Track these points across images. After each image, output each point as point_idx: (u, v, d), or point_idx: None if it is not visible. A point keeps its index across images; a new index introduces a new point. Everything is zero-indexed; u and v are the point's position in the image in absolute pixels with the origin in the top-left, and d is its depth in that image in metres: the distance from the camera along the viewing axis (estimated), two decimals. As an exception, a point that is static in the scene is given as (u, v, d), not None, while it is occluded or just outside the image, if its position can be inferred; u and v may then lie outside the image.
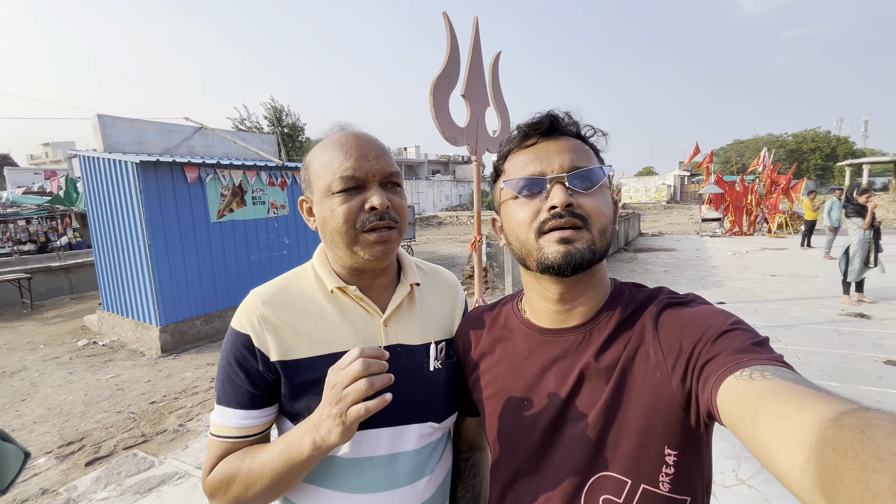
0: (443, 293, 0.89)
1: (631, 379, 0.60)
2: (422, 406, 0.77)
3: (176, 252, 5.21)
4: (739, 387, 0.46)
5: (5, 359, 5.23)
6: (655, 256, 10.58)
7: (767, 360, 0.49)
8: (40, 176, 16.97)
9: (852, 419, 0.34)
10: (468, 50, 3.82)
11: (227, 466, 0.70)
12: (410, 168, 45.16)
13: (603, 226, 0.62)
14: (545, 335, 0.68)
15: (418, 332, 0.80)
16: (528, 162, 0.64)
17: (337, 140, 0.74)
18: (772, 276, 7.72)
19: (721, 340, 0.54)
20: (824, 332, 4.76)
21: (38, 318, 7.19)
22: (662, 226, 19.40)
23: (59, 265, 9.06)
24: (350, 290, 0.76)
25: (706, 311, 0.60)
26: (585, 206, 0.61)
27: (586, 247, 0.60)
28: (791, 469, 0.37)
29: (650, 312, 0.63)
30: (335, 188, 0.71)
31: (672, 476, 0.57)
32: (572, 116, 0.66)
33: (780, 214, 13.95)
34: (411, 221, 11.44)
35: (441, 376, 0.79)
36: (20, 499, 2.59)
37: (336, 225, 0.72)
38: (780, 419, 0.40)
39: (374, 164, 0.73)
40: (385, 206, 0.72)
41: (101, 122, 5.54)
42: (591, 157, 0.65)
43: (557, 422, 0.63)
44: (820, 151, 47.58)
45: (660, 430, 0.57)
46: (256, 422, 0.73)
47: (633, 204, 32.88)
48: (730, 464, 2.59)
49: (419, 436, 0.77)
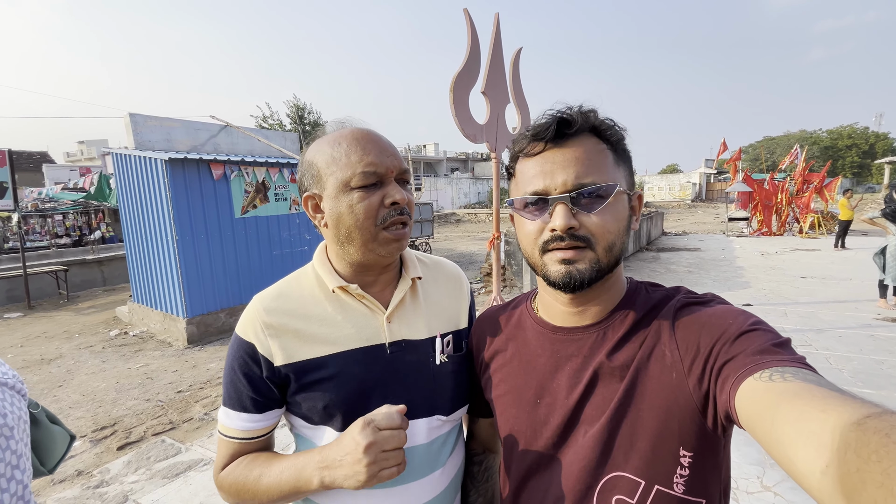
0: (446, 285, 0.88)
1: (646, 379, 0.59)
2: (429, 400, 0.78)
3: (202, 247, 5.37)
4: (759, 388, 0.45)
5: (44, 346, 5.51)
6: (679, 256, 10.33)
7: (789, 361, 0.47)
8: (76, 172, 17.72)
9: (877, 423, 0.34)
10: (489, 46, 3.80)
11: (237, 476, 0.74)
12: (429, 165, 45.25)
13: (609, 243, 0.60)
14: (559, 334, 0.68)
15: (423, 326, 0.80)
16: (534, 175, 0.61)
17: (351, 135, 0.73)
18: (802, 278, 7.43)
19: (740, 341, 0.52)
20: (858, 337, 4.56)
21: (74, 309, 7.53)
22: (687, 225, 18.91)
23: (92, 258, 9.46)
24: (351, 289, 0.76)
25: (725, 310, 0.58)
26: (589, 226, 0.59)
27: (588, 266, 0.59)
28: (811, 472, 0.37)
29: (667, 312, 0.62)
30: (354, 183, 0.71)
31: (687, 478, 0.57)
32: (584, 112, 0.61)
33: (812, 214, 13.40)
34: (429, 219, 11.43)
35: (447, 369, 0.80)
36: (58, 479, 2.73)
37: (356, 221, 0.71)
38: (800, 421, 0.39)
39: (392, 160, 0.74)
40: (406, 201, 0.74)
41: (132, 120, 5.74)
42: (602, 163, 0.60)
43: (570, 421, 0.63)
44: (857, 148, 45.46)
45: (675, 431, 0.56)
46: (260, 425, 0.76)
47: (656, 202, 32.14)
48: (754, 470, 2.52)
49: (428, 429, 0.77)
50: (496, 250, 4.23)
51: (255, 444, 0.77)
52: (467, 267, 9.85)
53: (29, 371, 4.68)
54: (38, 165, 21.39)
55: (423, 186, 29.97)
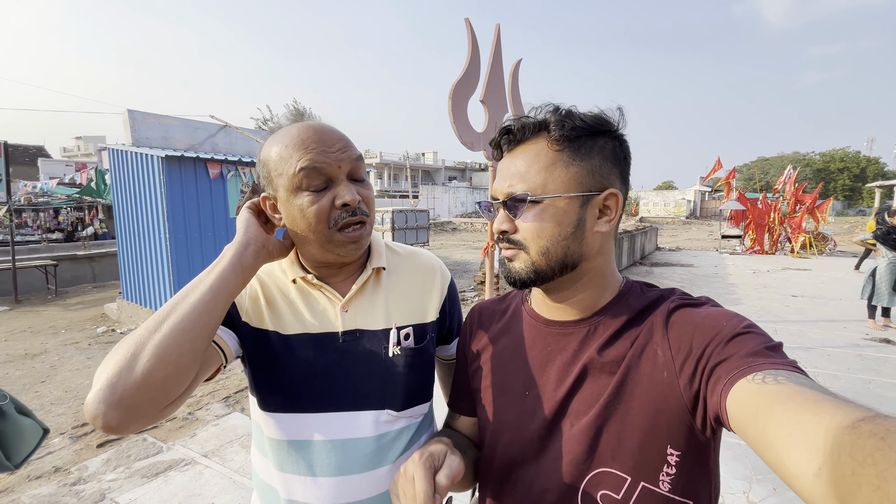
0: (417, 277, 0.86)
1: (636, 376, 0.59)
2: (378, 392, 0.76)
3: (195, 246, 5.34)
4: (751, 390, 0.45)
5: (28, 341, 5.42)
6: (672, 271, 10.39)
7: (781, 364, 0.48)
8: (71, 168, 17.60)
9: (871, 426, 0.34)
10: (489, 56, 3.85)
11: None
12: (427, 173, 45.36)
13: (541, 247, 0.61)
14: (550, 327, 0.68)
15: (381, 316, 0.79)
16: (492, 180, 0.70)
17: (296, 133, 0.70)
18: (793, 297, 7.49)
19: (733, 343, 0.53)
20: (846, 356, 4.59)
21: (62, 304, 7.43)
22: (680, 241, 19.06)
23: (83, 254, 9.37)
24: (309, 278, 0.77)
25: (719, 313, 0.58)
26: (522, 231, 0.63)
27: (524, 267, 0.63)
28: (804, 475, 0.37)
29: (661, 311, 0.62)
30: (301, 185, 0.68)
31: (673, 476, 0.57)
32: (538, 118, 0.63)
33: (804, 234, 13.58)
34: (425, 226, 11.46)
35: (401, 362, 0.78)
36: (34, 475, 2.67)
37: (308, 225, 0.70)
38: (793, 424, 0.39)
39: (339, 155, 0.70)
40: (357, 202, 0.71)
41: (130, 117, 5.74)
42: (543, 169, 0.61)
43: (557, 413, 0.63)
44: (848, 171, 46.26)
45: (663, 429, 0.56)
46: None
47: (651, 218, 32.41)
48: (740, 485, 2.51)
49: (375, 423, 0.76)
50: (490, 258, 4.24)
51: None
52: (462, 275, 9.85)
53: (12, 366, 4.60)
54: (34, 159, 21.23)
55: (421, 194, 30.05)
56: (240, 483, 2.55)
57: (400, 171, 42.74)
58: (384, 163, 42.05)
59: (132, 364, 0.54)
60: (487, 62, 3.84)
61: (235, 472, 2.66)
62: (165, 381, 0.56)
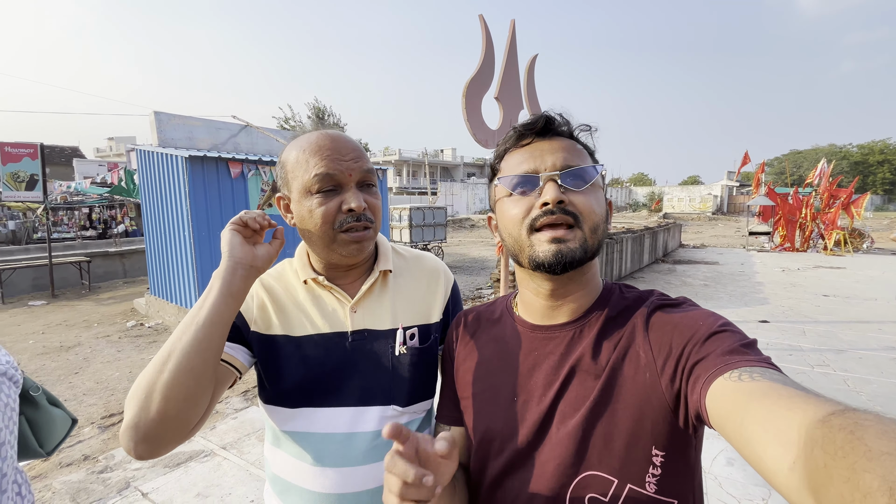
0: (422, 279, 0.90)
1: (620, 379, 0.60)
2: (385, 389, 0.80)
3: (217, 243, 5.48)
4: (728, 388, 0.47)
5: (64, 334, 5.70)
6: (696, 269, 10.10)
7: (756, 361, 0.49)
8: (104, 168, 18.35)
9: (841, 420, 0.35)
10: (503, 52, 3.81)
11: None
12: (446, 170, 45.35)
13: (595, 223, 0.62)
14: (537, 332, 0.68)
15: (387, 317, 0.82)
16: (523, 160, 0.65)
17: (314, 140, 0.76)
18: (824, 297, 7.18)
19: (710, 342, 0.54)
20: (880, 360, 4.38)
21: (94, 299, 7.78)
22: (706, 238, 18.50)
23: (115, 251, 9.78)
24: (320, 280, 0.81)
25: (696, 313, 0.60)
26: (577, 204, 0.61)
27: (578, 245, 0.61)
28: (779, 469, 0.38)
29: (641, 313, 0.63)
30: (313, 189, 0.74)
31: (659, 477, 0.57)
32: (566, 117, 0.67)
33: (838, 231, 12.97)
34: (442, 223, 11.44)
35: (407, 361, 0.82)
36: (65, 462, 2.82)
37: (314, 225, 0.75)
38: (768, 420, 0.41)
39: (351, 164, 0.75)
40: (362, 208, 0.75)
41: (157, 118, 5.94)
42: (584, 156, 0.66)
43: (546, 418, 0.63)
44: (889, 164, 43.91)
45: (648, 431, 0.57)
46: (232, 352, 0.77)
47: (675, 214, 31.55)
48: (759, 491, 2.43)
49: (380, 418, 0.79)
50: (505, 256, 4.21)
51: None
52: (479, 272, 9.82)
53: (48, 357, 4.85)
54: (69, 160, 22.22)
55: (439, 191, 30.07)
56: (255, 475, 2.62)
57: (418, 168, 42.87)
58: (403, 160, 42.24)
59: (147, 405, 0.60)
60: (502, 59, 3.80)
61: (252, 464, 2.74)
62: (179, 413, 0.62)
